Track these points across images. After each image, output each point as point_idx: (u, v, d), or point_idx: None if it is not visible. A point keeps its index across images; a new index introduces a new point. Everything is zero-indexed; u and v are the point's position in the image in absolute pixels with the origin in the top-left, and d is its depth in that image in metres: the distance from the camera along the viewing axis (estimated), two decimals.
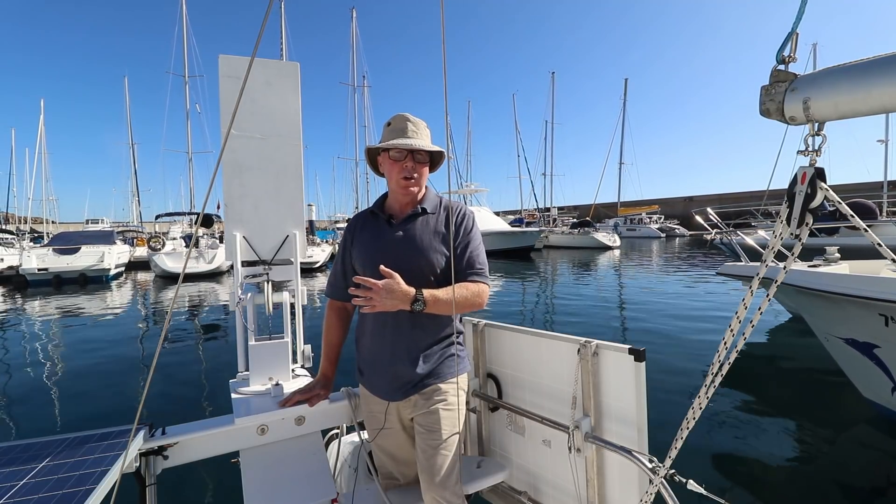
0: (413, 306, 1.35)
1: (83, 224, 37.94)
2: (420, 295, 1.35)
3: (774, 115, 0.84)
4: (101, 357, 6.46)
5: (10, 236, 23.61)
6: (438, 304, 1.38)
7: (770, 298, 0.86)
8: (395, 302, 1.33)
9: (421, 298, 1.35)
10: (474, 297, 1.45)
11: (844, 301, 3.54)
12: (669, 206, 51.85)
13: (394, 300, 1.33)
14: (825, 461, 3.39)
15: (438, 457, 1.42)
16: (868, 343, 3.62)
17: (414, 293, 1.35)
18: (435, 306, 1.37)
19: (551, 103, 43.84)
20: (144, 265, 20.20)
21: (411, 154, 1.48)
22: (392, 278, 1.34)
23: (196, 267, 16.69)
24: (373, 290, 1.30)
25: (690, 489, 1.04)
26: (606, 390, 1.44)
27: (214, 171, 1.01)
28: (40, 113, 36.63)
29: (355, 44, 30.15)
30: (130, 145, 36.73)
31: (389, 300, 1.32)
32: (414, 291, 1.35)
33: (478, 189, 35.31)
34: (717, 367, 0.89)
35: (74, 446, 1.31)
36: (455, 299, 1.39)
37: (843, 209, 0.80)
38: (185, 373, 5.68)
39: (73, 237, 18.22)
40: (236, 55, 1.87)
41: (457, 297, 1.40)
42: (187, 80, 27.47)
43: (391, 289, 1.32)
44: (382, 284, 1.31)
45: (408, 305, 1.35)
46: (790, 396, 4.54)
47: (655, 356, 5.78)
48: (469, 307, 1.45)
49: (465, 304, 1.43)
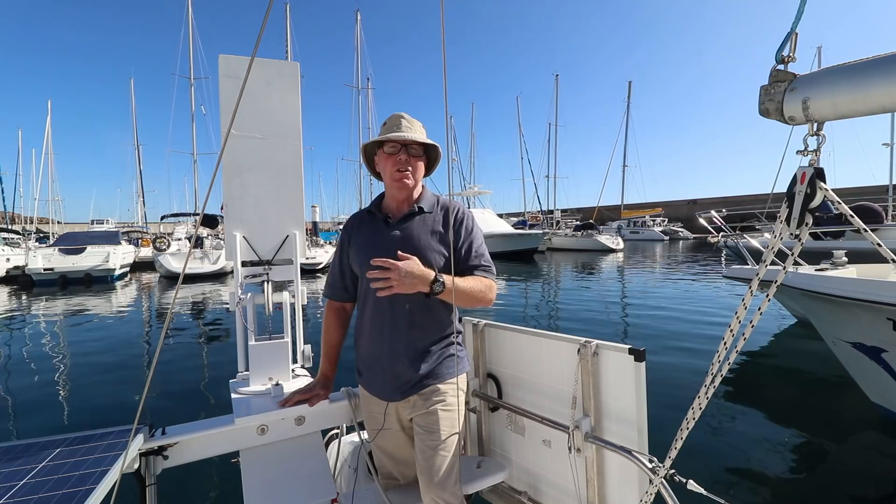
0: (433, 286, 1.34)
1: (88, 224, 38.17)
2: (440, 279, 1.34)
3: (774, 115, 0.84)
4: (103, 357, 6.49)
5: (16, 236, 23.82)
6: (457, 292, 1.37)
7: (770, 299, 0.86)
8: (414, 282, 1.32)
9: (441, 280, 1.34)
10: (487, 290, 1.45)
11: (852, 305, 3.52)
12: (673, 208, 51.60)
13: (413, 280, 1.31)
14: (829, 464, 3.36)
15: (437, 457, 1.41)
16: (876, 347, 3.59)
17: (434, 274, 1.34)
18: (452, 292, 1.36)
19: (555, 105, 43.80)
20: (149, 266, 20.33)
21: (405, 147, 1.48)
22: (410, 260, 1.33)
23: (200, 267, 16.77)
24: (392, 271, 1.29)
25: (690, 489, 1.04)
26: (606, 390, 1.44)
27: (214, 171, 1.02)
28: (47, 114, 37.00)
29: (359, 46, 30.23)
30: (136, 146, 37.03)
31: (409, 280, 1.31)
32: (433, 273, 1.35)
33: (481, 191, 35.33)
34: (717, 368, 0.89)
35: (74, 446, 1.31)
36: (471, 289, 1.39)
37: (843, 209, 0.79)
38: (186, 373, 5.69)
39: (78, 237, 18.36)
40: (237, 55, 1.87)
41: (472, 288, 1.40)
42: (193, 82, 27.63)
43: (410, 269, 1.31)
44: (402, 265, 1.30)
45: (427, 287, 1.34)
46: (794, 399, 4.50)
47: (656, 357, 5.76)
48: (480, 301, 1.44)
49: (479, 297, 1.43)
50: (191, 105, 27.59)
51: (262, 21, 0.84)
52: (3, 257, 17.13)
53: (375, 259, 1.31)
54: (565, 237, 32.15)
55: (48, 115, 37.15)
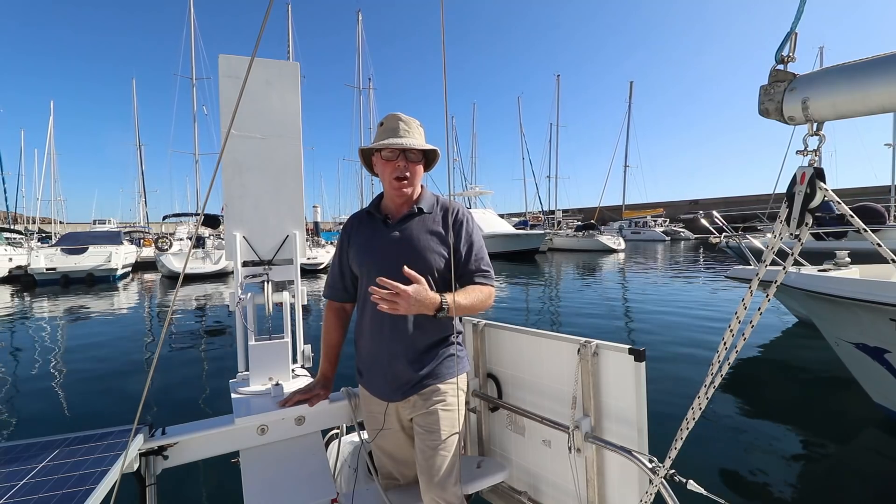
0: (437, 314, 1.34)
1: (90, 224, 38.30)
2: (445, 304, 1.33)
3: (773, 115, 0.84)
4: (104, 356, 6.50)
5: (19, 236, 23.90)
6: (459, 310, 1.38)
7: (770, 299, 0.86)
8: (421, 309, 1.31)
9: (446, 307, 1.33)
10: (487, 299, 1.47)
11: (855, 305, 3.50)
12: (675, 209, 51.56)
13: (420, 307, 1.30)
14: (830, 464, 3.34)
15: (437, 457, 1.41)
16: (879, 348, 3.57)
17: (440, 301, 1.33)
18: (456, 312, 1.37)
19: (556, 106, 43.73)
20: (151, 265, 20.39)
21: (403, 153, 1.47)
22: (419, 283, 1.32)
23: (202, 267, 16.81)
24: (400, 296, 1.27)
25: (690, 489, 1.04)
26: (606, 390, 1.43)
27: (214, 171, 1.02)
28: (50, 114, 37.13)
29: (360, 46, 30.25)
30: (138, 146, 37.05)
31: (416, 307, 1.30)
32: (440, 299, 1.34)
33: (483, 191, 35.32)
34: (717, 368, 0.89)
35: (74, 446, 1.31)
36: (472, 304, 1.40)
37: (843, 209, 0.79)
38: (186, 373, 5.69)
39: (81, 237, 18.42)
40: (237, 55, 1.87)
41: (473, 302, 1.41)
42: (195, 83, 27.68)
43: (420, 296, 1.30)
44: (412, 291, 1.28)
45: (432, 311, 1.33)
46: (795, 400, 4.49)
47: (657, 357, 5.74)
48: (480, 310, 1.46)
49: (479, 308, 1.45)
50: (192, 105, 27.65)
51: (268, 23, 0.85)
52: (5, 257, 17.18)
53: (383, 280, 1.29)
54: (566, 237, 32.12)
55: (51, 115, 37.33)
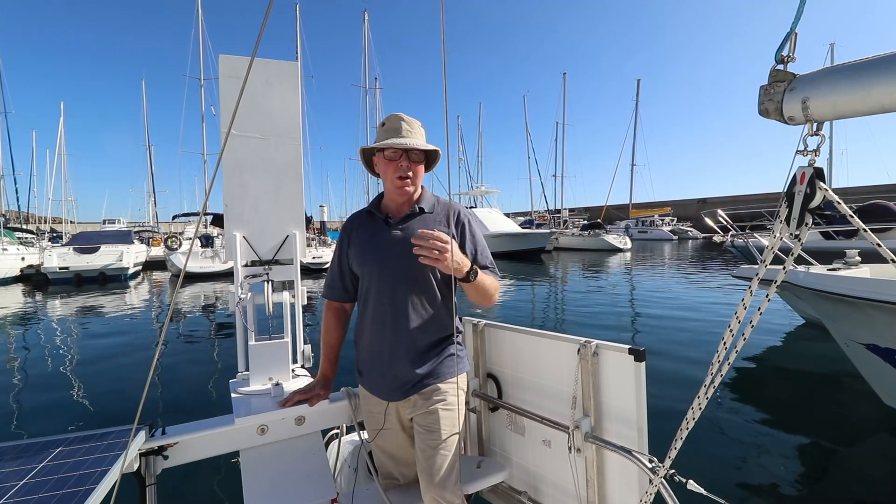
0: (469, 274, 1.38)
1: (100, 224, 38.76)
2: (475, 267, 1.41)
3: (773, 115, 0.83)
4: (112, 355, 6.56)
5: (31, 236, 24.26)
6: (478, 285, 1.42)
7: (770, 298, 0.85)
8: (458, 264, 1.33)
9: (476, 269, 1.40)
10: (496, 290, 1.50)
11: (866, 305, 3.45)
12: (682, 208, 51.00)
13: (458, 261, 1.33)
14: (834, 466, 3.30)
15: (438, 457, 1.41)
16: (890, 349, 3.52)
17: (471, 263, 1.40)
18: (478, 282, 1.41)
19: (563, 105, 43.51)
20: (160, 264, 20.64)
21: (406, 153, 1.47)
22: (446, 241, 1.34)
23: (211, 266, 16.94)
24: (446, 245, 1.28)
25: (690, 489, 1.03)
26: (606, 390, 1.43)
27: (214, 171, 1.02)
28: (60, 115, 37.64)
29: (367, 46, 30.32)
30: (147, 147, 37.53)
31: (457, 260, 1.33)
32: (470, 261, 1.41)
33: (489, 191, 35.29)
34: (717, 368, 0.88)
35: (74, 446, 1.31)
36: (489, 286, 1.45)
37: (843, 209, 0.79)
38: (187, 372, 5.72)
39: (92, 237, 18.68)
40: (238, 55, 1.87)
41: (490, 284, 1.46)
42: (203, 83, 27.91)
43: (457, 253, 1.34)
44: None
45: (463, 272, 1.37)
46: (799, 400, 4.43)
47: (658, 356, 5.70)
48: (490, 300, 1.48)
49: (491, 294, 1.48)
50: (201, 106, 27.92)
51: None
52: (18, 256, 17.45)
53: (424, 231, 1.30)
54: (572, 237, 31.96)
55: (61, 116, 37.89)
